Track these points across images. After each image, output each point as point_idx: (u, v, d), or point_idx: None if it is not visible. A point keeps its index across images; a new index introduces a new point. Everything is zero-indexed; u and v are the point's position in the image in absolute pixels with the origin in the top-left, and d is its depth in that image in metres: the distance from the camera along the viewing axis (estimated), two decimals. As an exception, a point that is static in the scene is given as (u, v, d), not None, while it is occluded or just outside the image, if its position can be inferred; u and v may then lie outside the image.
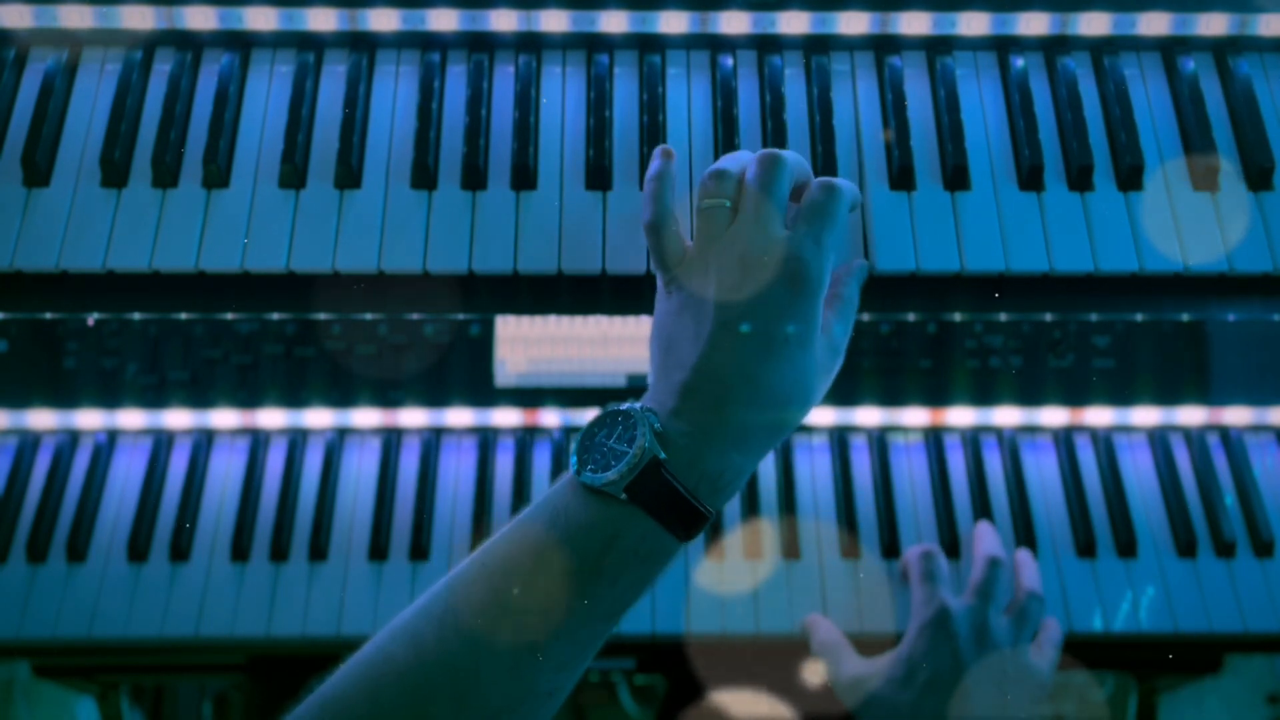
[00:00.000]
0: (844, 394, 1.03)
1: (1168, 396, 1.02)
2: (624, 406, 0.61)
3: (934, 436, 1.03)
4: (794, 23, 0.85)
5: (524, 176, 0.81)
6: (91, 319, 1.01)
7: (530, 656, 0.57)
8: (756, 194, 0.64)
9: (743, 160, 0.68)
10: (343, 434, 1.02)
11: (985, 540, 0.93)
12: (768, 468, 1.01)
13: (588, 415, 1.01)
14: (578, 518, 0.59)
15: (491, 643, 0.57)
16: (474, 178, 0.81)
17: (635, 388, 1.02)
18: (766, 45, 0.87)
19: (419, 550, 0.95)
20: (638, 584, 0.59)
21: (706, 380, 0.60)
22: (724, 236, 0.64)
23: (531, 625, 0.57)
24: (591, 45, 0.87)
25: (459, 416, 1.02)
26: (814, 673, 0.92)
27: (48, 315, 0.99)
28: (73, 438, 1.01)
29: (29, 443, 1.01)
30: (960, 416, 1.03)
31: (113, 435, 1.01)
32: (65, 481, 0.99)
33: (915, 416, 1.03)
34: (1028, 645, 0.87)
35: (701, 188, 0.66)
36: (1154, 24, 0.86)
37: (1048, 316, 1.02)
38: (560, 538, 0.58)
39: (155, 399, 1.00)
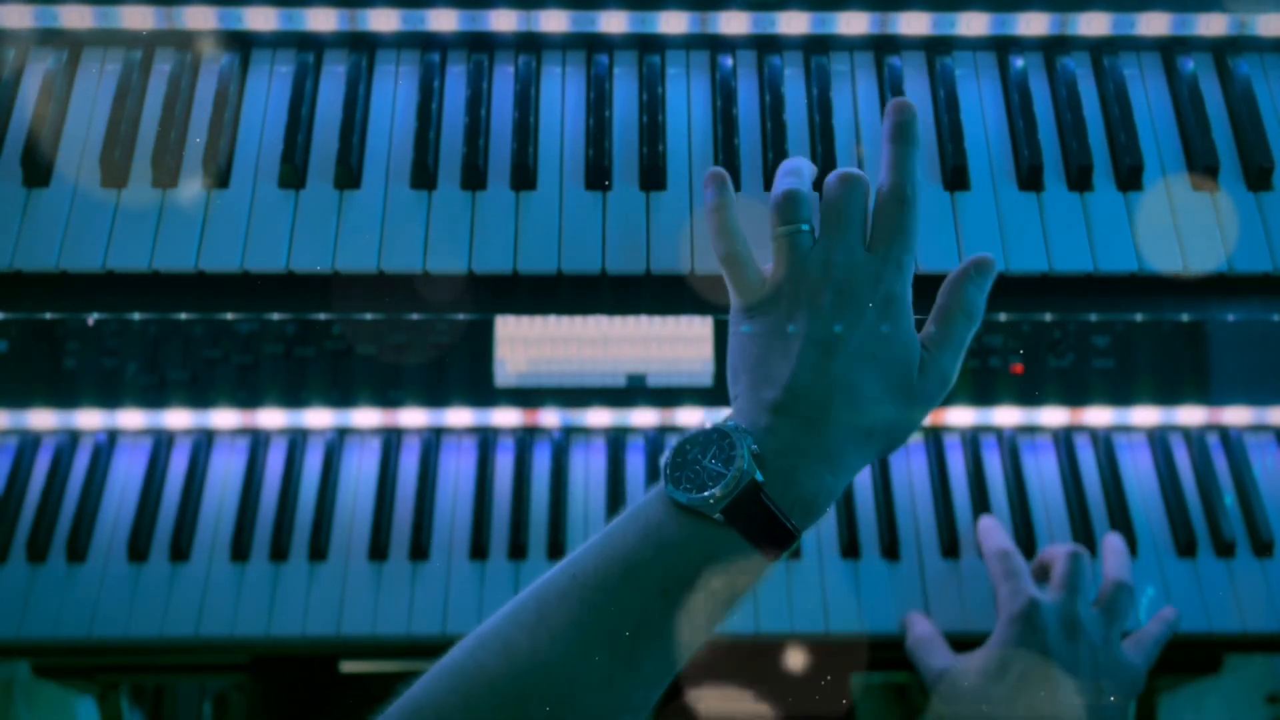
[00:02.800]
0: (844, 394, 1.03)
1: (1167, 396, 1.02)
2: (720, 425, 0.60)
3: (934, 436, 1.03)
4: (794, 23, 0.85)
5: (524, 176, 0.81)
6: (91, 319, 1.01)
7: (623, 670, 0.57)
8: (840, 220, 0.63)
9: (805, 174, 0.66)
10: (343, 434, 1.02)
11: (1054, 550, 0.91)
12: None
13: (588, 415, 1.02)
14: (670, 535, 0.58)
15: (585, 655, 0.57)
16: (474, 178, 0.81)
17: (635, 387, 1.02)
18: (766, 45, 0.87)
19: (419, 550, 0.95)
20: (727, 601, 0.59)
21: (800, 399, 0.60)
22: (809, 261, 0.63)
23: (624, 640, 0.57)
24: (591, 45, 0.87)
25: (459, 416, 1.02)
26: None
27: (48, 315, 0.99)
28: (73, 438, 1.01)
29: (29, 443, 1.01)
30: (960, 416, 1.03)
31: (113, 435, 1.01)
32: (65, 481, 0.99)
33: (915, 416, 1.03)
34: (1119, 639, 0.86)
35: (777, 213, 0.64)
36: (1154, 24, 0.86)
37: (1048, 316, 1.02)
38: (652, 554, 0.58)
39: (155, 399, 1.00)
